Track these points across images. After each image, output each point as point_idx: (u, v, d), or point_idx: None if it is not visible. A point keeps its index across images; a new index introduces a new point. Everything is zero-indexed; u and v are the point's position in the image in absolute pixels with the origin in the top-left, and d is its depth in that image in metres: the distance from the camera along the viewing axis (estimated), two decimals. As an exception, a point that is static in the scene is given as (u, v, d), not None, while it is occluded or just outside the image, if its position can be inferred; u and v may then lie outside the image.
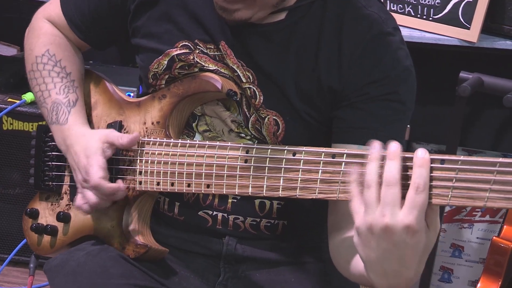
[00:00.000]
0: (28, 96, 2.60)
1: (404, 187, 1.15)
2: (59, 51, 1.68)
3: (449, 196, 1.14)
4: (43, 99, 1.65)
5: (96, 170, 1.51)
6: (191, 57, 1.54)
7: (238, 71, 1.53)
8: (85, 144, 1.56)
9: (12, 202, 2.70)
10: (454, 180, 1.14)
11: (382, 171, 1.16)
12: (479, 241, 2.81)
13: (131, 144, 1.54)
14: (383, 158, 1.17)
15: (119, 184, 1.53)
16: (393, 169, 1.15)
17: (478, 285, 2.22)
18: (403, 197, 1.14)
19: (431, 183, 1.14)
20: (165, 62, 1.57)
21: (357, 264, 1.30)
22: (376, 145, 1.18)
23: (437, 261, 2.81)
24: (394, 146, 1.16)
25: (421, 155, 1.14)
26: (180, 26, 1.55)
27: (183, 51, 1.55)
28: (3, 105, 2.61)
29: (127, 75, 2.63)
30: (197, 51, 1.54)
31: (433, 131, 2.82)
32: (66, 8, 1.68)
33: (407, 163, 1.16)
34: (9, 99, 2.64)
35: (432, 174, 1.14)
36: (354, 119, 1.49)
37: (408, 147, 2.75)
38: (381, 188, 1.15)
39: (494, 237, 2.24)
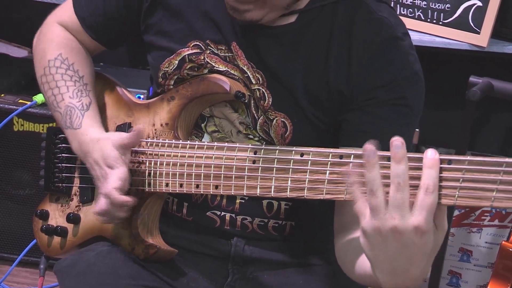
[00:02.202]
0: (38, 98, 2.60)
1: (413, 187, 1.14)
2: (72, 55, 1.67)
3: (456, 196, 1.14)
4: (56, 103, 1.64)
5: (114, 179, 1.50)
6: (202, 57, 1.55)
7: (248, 72, 1.53)
8: (102, 152, 1.54)
9: (22, 202, 2.71)
10: (461, 181, 1.14)
11: (383, 171, 1.14)
12: (487, 246, 2.81)
13: (139, 136, 1.53)
14: (383, 158, 1.15)
15: (128, 198, 1.51)
16: (401, 172, 1.13)
17: (487, 289, 2.22)
18: (412, 193, 1.13)
19: (439, 184, 1.14)
20: (176, 62, 1.57)
21: (363, 264, 1.30)
22: (370, 147, 1.14)
23: (446, 265, 2.81)
24: (399, 147, 1.13)
25: (431, 156, 1.13)
26: (192, 26, 1.56)
27: (194, 51, 1.55)
28: (14, 106, 2.61)
29: (137, 77, 2.63)
30: (208, 52, 1.55)
31: (442, 135, 2.81)
32: (79, 9, 1.68)
33: (417, 164, 1.15)
34: (20, 101, 2.64)
35: (440, 175, 1.14)
36: (361, 122, 1.49)
37: (417, 151, 2.73)
38: (389, 189, 1.13)
39: (503, 242, 2.24)
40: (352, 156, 1.28)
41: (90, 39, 1.69)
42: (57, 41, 1.69)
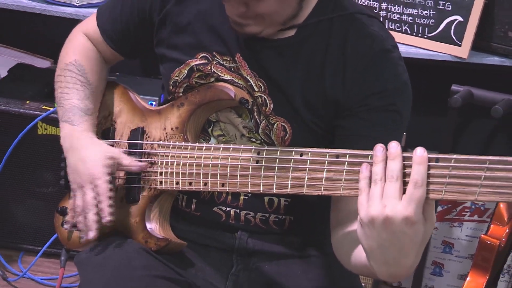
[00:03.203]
0: (60, 104, 2.60)
1: (404, 183, 1.15)
2: (86, 63, 1.68)
3: (443, 191, 1.15)
4: (62, 100, 1.64)
5: (105, 184, 1.51)
6: (209, 67, 1.54)
7: (251, 81, 1.52)
8: (95, 154, 1.54)
9: (45, 199, 2.70)
10: (448, 177, 1.14)
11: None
12: (468, 239, 2.80)
13: (138, 170, 1.55)
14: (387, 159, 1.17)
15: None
16: (394, 167, 1.16)
17: (467, 279, 2.21)
18: (404, 192, 1.15)
19: (428, 180, 1.14)
20: (185, 71, 1.57)
21: (359, 255, 1.30)
22: (380, 146, 1.19)
23: (429, 256, 2.80)
24: (395, 147, 1.17)
25: (420, 153, 1.14)
26: (200, 39, 1.55)
27: (202, 61, 1.55)
28: (38, 112, 2.61)
29: (149, 85, 2.62)
30: (215, 62, 1.54)
31: (427, 139, 2.78)
32: (101, 21, 1.69)
33: (407, 162, 1.16)
34: (44, 107, 2.64)
35: (428, 172, 1.15)
36: (355, 127, 1.48)
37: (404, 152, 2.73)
38: (385, 183, 1.16)
39: (482, 235, 2.23)
40: (348, 155, 1.27)
41: (109, 48, 1.69)
42: (76, 48, 1.70)
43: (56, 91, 1.68)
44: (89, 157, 1.54)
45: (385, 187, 1.16)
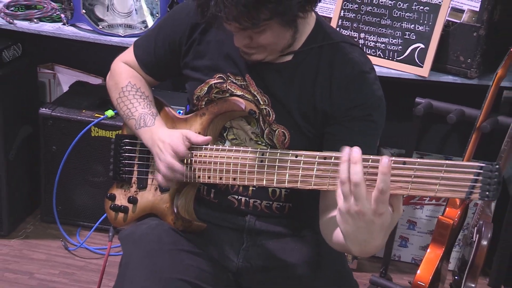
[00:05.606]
0: (109, 113, 2.61)
1: (372, 181, 1.10)
2: (138, 81, 1.64)
3: (409, 188, 1.12)
4: (130, 113, 1.59)
5: (170, 151, 1.46)
6: (224, 85, 1.52)
7: (257, 96, 1.50)
8: (170, 135, 1.50)
9: (97, 187, 2.71)
10: (412, 177, 1.11)
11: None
12: (427, 218, 2.78)
13: (203, 143, 1.47)
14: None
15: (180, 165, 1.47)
16: (357, 170, 1.08)
17: (428, 250, 2.18)
18: (372, 185, 1.09)
19: (396, 178, 1.11)
20: (205, 89, 1.54)
21: (339, 235, 1.27)
22: (346, 149, 1.11)
23: (397, 232, 2.78)
24: (356, 152, 1.09)
25: (384, 163, 1.06)
26: (217, 63, 1.53)
27: (218, 81, 1.52)
28: (92, 119, 2.62)
29: (178, 98, 2.62)
30: (229, 81, 1.52)
31: (396, 139, 2.79)
32: (138, 52, 1.65)
33: (375, 163, 1.12)
34: (96, 114, 2.65)
35: (396, 172, 1.11)
36: (339, 133, 1.45)
37: (378, 151, 2.74)
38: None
39: (439, 216, 2.20)
40: (333, 157, 1.25)
41: (145, 74, 1.66)
42: (125, 74, 1.65)
43: (121, 110, 1.62)
44: (167, 139, 1.48)
45: (351, 190, 1.09)
